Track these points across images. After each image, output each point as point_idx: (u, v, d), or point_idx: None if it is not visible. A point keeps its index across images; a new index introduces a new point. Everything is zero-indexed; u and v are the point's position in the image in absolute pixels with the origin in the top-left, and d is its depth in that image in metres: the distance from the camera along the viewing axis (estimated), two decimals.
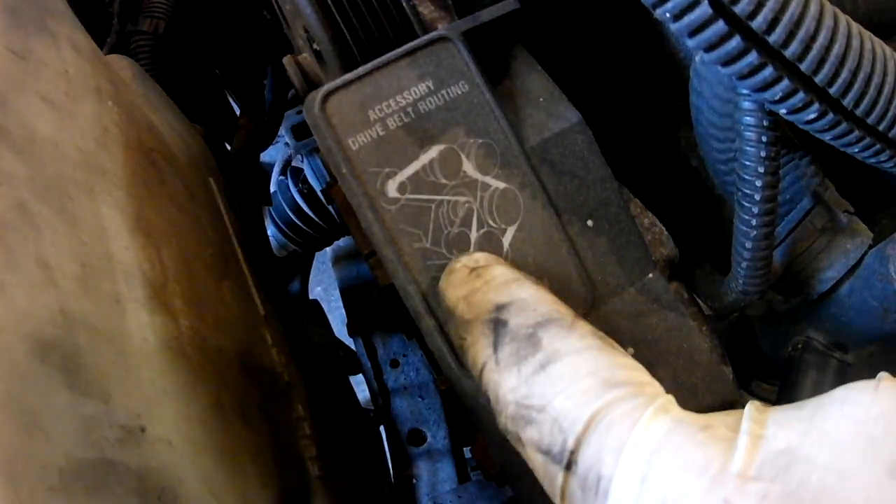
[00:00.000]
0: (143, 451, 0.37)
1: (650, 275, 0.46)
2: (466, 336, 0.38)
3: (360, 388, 1.03)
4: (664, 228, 0.51)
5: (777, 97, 0.33)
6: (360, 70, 0.43)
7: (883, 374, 0.28)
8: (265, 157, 1.26)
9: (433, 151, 0.43)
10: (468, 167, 0.43)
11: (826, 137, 0.36)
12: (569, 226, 0.44)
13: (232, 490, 0.42)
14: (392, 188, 0.42)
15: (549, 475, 0.34)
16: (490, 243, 0.43)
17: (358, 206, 0.42)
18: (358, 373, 1.07)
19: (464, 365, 0.43)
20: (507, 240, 0.43)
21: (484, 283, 0.39)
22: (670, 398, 0.33)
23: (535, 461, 0.35)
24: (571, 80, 0.48)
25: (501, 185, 0.44)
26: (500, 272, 0.40)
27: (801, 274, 0.50)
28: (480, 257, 0.42)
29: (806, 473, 0.26)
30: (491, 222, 0.43)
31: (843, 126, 0.35)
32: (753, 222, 0.41)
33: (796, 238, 0.49)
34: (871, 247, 0.50)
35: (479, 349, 0.37)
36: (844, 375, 0.51)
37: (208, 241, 0.60)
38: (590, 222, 0.45)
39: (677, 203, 0.60)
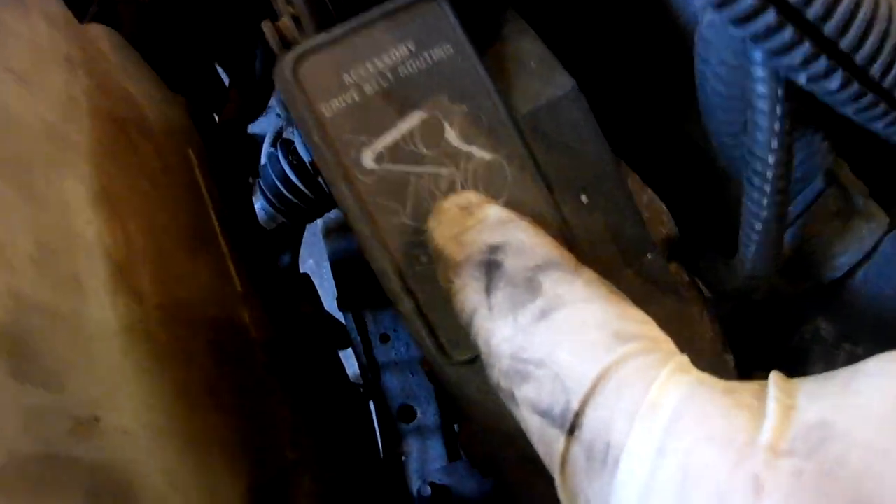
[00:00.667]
0: (96, 443, 0.35)
1: (648, 255, 0.44)
2: (455, 279, 0.34)
3: (350, 362, 1.02)
4: (664, 206, 0.48)
5: (797, 62, 0.30)
6: (336, 31, 0.39)
7: None
8: (256, 128, 1.24)
9: (413, 119, 0.40)
10: (451, 136, 0.40)
11: (848, 111, 0.33)
12: (561, 201, 0.42)
13: (198, 482, 0.40)
14: (368, 158, 0.39)
15: (547, 440, 0.29)
16: None
17: (331, 177, 0.39)
18: (347, 347, 1.06)
19: (446, 352, 0.41)
20: None
21: (476, 221, 0.35)
22: (686, 358, 0.29)
23: (531, 423, 0.30)
24: (566, 46, 0.45)
25: (487, 155, 0.40)
26: (494, 211, 0.36)
27: (811, 259, 0.47)
28: (472, 196, 0.38)
29: (844, 451, 0.23)
30: None
31: (868, 98, 0.31)
32: (764, 202, 0.37)
33: (808, 220, 0.46)
34: (887, 232, 0.46)
35: (469, 293, 0.33)
36: None
37: (183, 215, 0.57)
38: (584, 198, 0.42)
39: (676, 179, 0.57)
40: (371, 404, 1.03)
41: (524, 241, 0.34)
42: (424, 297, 0.40)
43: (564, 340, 0.30)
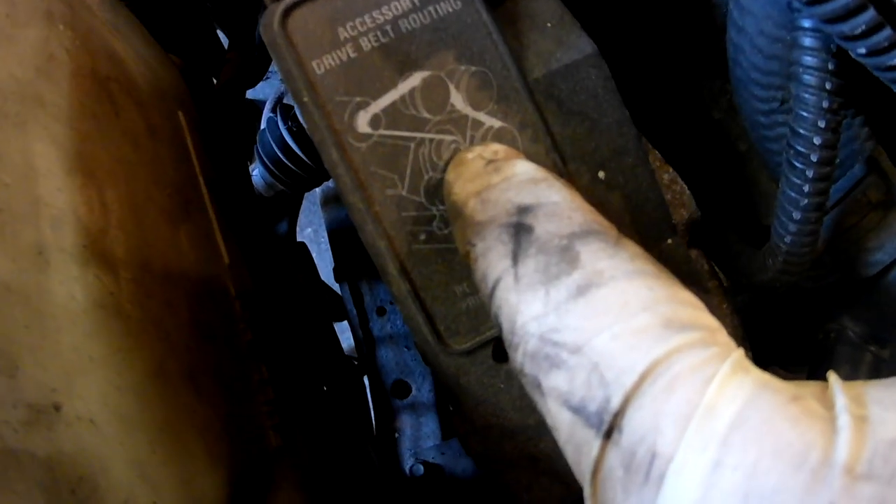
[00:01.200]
0: (55, 434, 0.32)
1: (669, 240, 0.40)
2: (477, 241, 0.30)
3: (345, 335, 1.00)
4: (686, 187, 0.44)
5: (858, 31, 0.26)
6: None
7: None
8: (258, 94, 1.20)
9: (415, 79, 0.36)
10: (457, 100, 0.36)
11: None
12: (576, 177, 0.38)
13: (172, 473, 0.38)
14: (363, 121, 0.35)
15: (578, 441, 0.25)
16: None
17: (321, 141, 0.35)
18: (343, 319, 1.04)
19: (443, 340, 0.37)
20: None
21: (503, 178, 0.31)
22: (743, 352, 0.25)
23: (559, 419, 0.26)
24: (585, 7, 0.41)
25: (497, 123, 0.37)
26: (525, 168, 0.32)
27: (844, 253, 0.43)
28: (500, 149, 0.34)
29: None
30: None
31: None
32: (806, 188, 0.33)
33: (844, 210, 0.42)
34: None
35: (493, 259, 0.29)
36: (878, 373, 0.44)
37: (167, 182, 0.54)
38: (601, 174, 0.38)
39: (696, 158, 0.53)
40: (365, 379, 1.01)
41: (559, 203, 0.29)
42: (421, 280, 0.37)
43: (605, 324, 0.25)
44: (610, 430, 0.24)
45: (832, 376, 0.23)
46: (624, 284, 0.26)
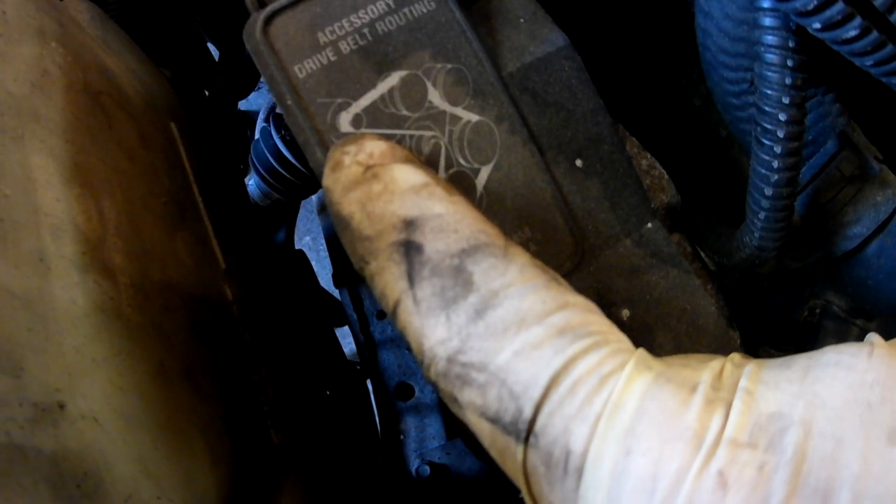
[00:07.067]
0: (60, 431, 0.33)
1: (649, 224, 0.41)
2: (370, 259, 0.31)
3: (346, 340, 1.00)
4: (665, 172, 0.45)
5: (811, 6, 0.27)
6: None
7: (874, 338, 0.26)
8: (251, 105, 1.21)
9: (394, 78, 0.37)
10: (435, 97, 0.37)
11: (867, 63, 0.30)
12: (554, 165, 0.39)
13: (174, 470, 0.38)
14: (345, 121, 0.36)
15: (501, 447, 0.28)
16: (461, 185, 0.38)
17: (305, 142, 0.36)
18: (344, 325, 1.04)
19: None
20: (480, 181, 0.38)
21: (384, 188, 0.31)
22: (644, 350, 0.28)
23: (480, 428, 0.29)
24: (558, 1, 0.42)
25: (474, 117, 0.38)
26: (403, 174, 0.32)
27: (822, 228, 0.44)
28: (375, 150, 0.33)
29: (803, 441, 0.23)
30: (462, 161, 0.38)
31: (889, 49, 0.28)
32: (775, 164, 0.34)
33: (819, 186, 0.43)
34: None
35: (389, 279, 0.30)
36: None
37: (162, 190, 0.55)
38: (579, 162, 0.39)
39: (678, 145, 0.54)
40: (368, 383, 1.01)
41: (443, 215, 0.30)
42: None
43: (506, 342, 0.28)
44: (527, 437, 0.27)
45: (730, 360, 0.27)
46: (517, 301, 0.28)
